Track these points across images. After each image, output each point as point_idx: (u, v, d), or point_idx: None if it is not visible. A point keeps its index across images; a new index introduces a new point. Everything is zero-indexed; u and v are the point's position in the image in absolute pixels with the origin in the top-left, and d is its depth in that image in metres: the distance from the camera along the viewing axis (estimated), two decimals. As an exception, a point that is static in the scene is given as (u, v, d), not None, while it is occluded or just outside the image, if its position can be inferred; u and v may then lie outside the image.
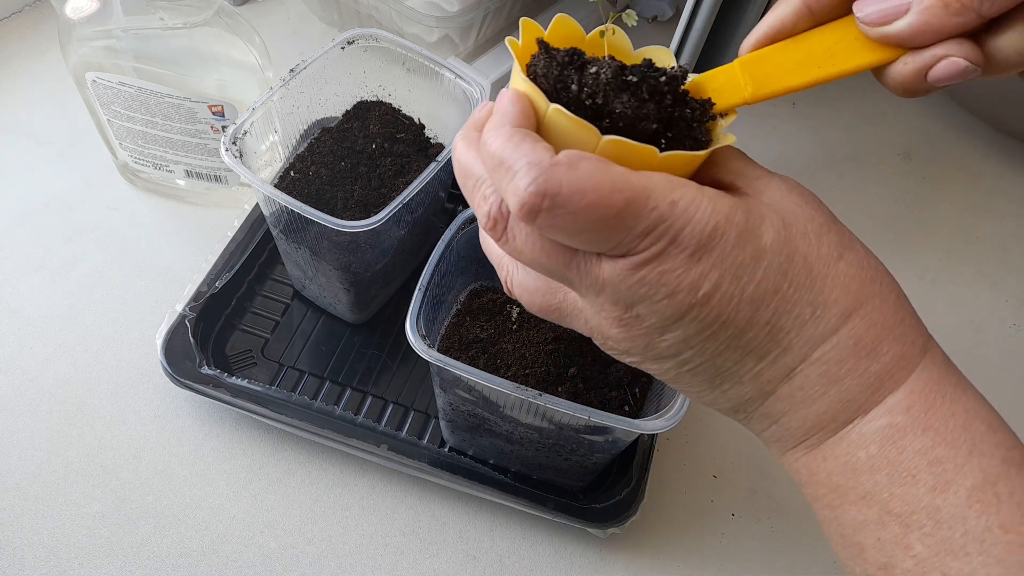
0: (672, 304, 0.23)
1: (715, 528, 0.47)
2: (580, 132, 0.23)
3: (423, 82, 0.50)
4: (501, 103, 0.24)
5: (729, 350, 0.24)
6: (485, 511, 0.46)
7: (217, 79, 0.50)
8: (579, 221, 0.21)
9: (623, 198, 0.21)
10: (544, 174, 0.21)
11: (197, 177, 0.55)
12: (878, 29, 0.23)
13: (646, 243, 0.22)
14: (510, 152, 0.22)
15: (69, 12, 0.47)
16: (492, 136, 0.23)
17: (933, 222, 0.67)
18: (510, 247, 0.24)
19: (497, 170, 0.22)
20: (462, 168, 0.25)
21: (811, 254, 0.23)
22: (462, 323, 0.44)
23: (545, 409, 0.37)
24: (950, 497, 0.21)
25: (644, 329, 0.24)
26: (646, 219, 0.22)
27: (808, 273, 0.23)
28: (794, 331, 0.23)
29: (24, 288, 0.52)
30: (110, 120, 0.52)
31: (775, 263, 0.23)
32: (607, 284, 0.23)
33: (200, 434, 0.47)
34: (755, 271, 0.22)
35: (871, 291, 0.24)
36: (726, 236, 0.22)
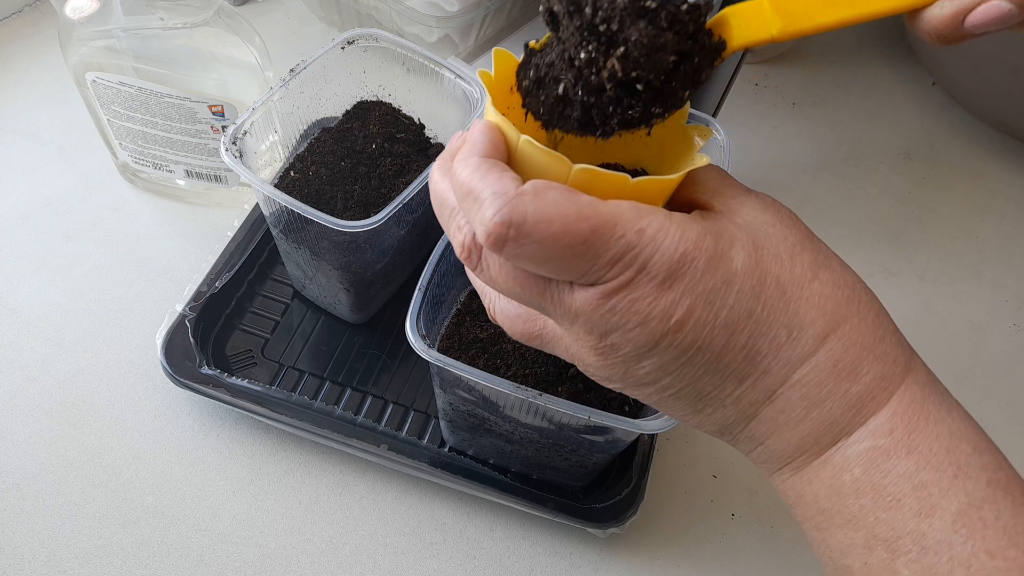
0: (645, 332, 0.22)
1: (715, 528, 0.47)
2: (551, 162, 0.24)
3: (423, 82, 0.50)
4: (472, 133, 0.24)
5: (708, 374, 0.24)
6: (485, 511, 0.46)
7: (217, 79, 0.50)
8: (545, 250, 0.21)
9: (589, 226, 0.21)
10: (509, 204, 0.21)
11: (197, 177, 0.55)
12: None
13: (614, 272, 0.22)
14: (477, 182, 0.22)
15: (69, 12, 0.47)
16: (461, 166, 0.23)
17: (933, 222, 0.67)
18: (485, 276, 0.25)
19: (465, 200, 0.23)
20: (437, 198, 0.25)
21: (784, 275, 0.23)
22: (462, 323, 0.44)
23: (545, 409, 0.37)
24: (935, 522, 0.21)
25: (620, 357, 0.24)
26: (614, 247, 0.22)
27: (782, 295, 0.23)
28: (771, 354, 0.23)
29: (24, 288, 0.52)
30: (110, 120, 0.52)
31: (747, 286, 0.22)
32: (580, 313, 0.23)
33: (200, 434, 0.47)
34: (727, 296, 0.22)
35: (848, 311, 0.23)
36: (695, 262, 0.22)
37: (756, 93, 0.73)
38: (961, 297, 0.61)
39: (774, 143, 0.70)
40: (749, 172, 0.67)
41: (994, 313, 0.61)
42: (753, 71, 0.74)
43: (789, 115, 0.72)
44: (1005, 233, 0.66)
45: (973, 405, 0.26)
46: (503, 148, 0.24)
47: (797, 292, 0.23)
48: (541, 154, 0.24)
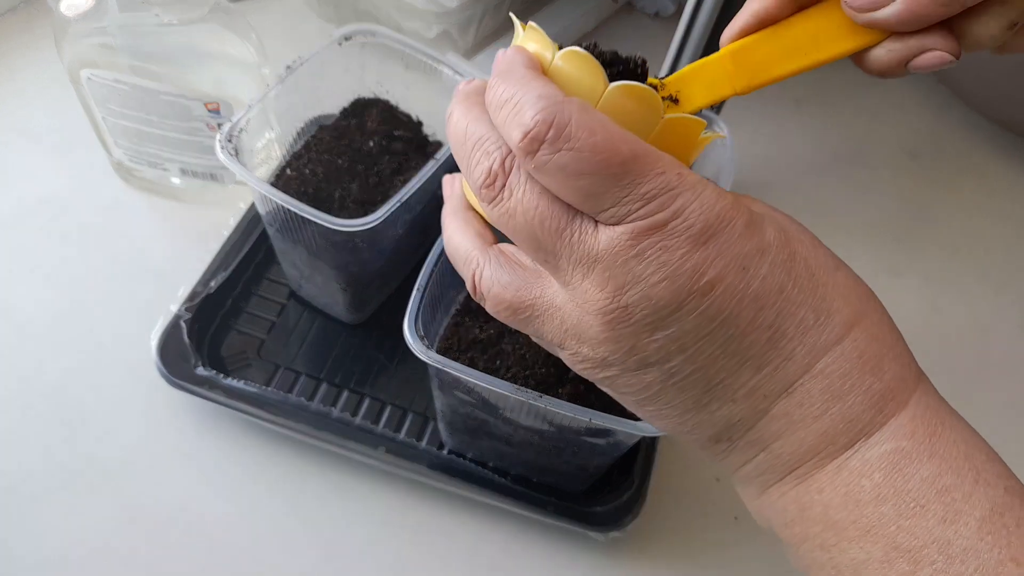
0: (671, 289, 0.21)
1: (717, 531, 0.47)
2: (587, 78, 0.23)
3: (421, 79, 0.50)
4: (506, 57, 0.23)
5: (725, 355, 0.22)
6: (484, 514, 0.46)
7: (213, 76, 0.49)
8: (582, 161, 0.20)
9: (630, 150, 0.20)
10: (555, 105, 0.20)
11: (192, 175, 0.55)
12: (866, 15, 0.24)
13: (650, 208, 0.20)
14: (520, 89, 0.21)
15: (64, 9, 0.47)
16: (500, 80, 0.22)
17: (939, 222, 0.66)
18: (503, 208, 0.22)
19: (503, 108, 0.21)
20: (459, 132, 0.23)
21: (811, 258, 0.22)
22: (461, 323, 0.44)
23: (545, 411, 0.37)
24: (961, 529, 0.20)
25: (632, 326, 0.22)
26: (653, 181, 0.20)
27: (811, 277, 0.22)
28: (797, 338, 0.22)
29: (17, 288, 0.51)
30: (105, 118, 0.52)
31: (780, 259, 0.22)
32: (601, 257, 0.21)
33: (195, 436, 0.47)
34: (761, 265, 0.21)
35: (869, 306, 0.23)
36: (734, 223, 0.21)
37: (759, 91, 0.72)
38: (967, 298, 0.61)
39: (777, 142, 0.69)
40: (753, 171, 0.66)
41: (1000, 314, 0.60)
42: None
43: (793, 114, 0.72)
44: (1012, 233, 0.66)
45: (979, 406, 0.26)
46: (539, 66, 0.23)
47: (824, 277, 0.22)
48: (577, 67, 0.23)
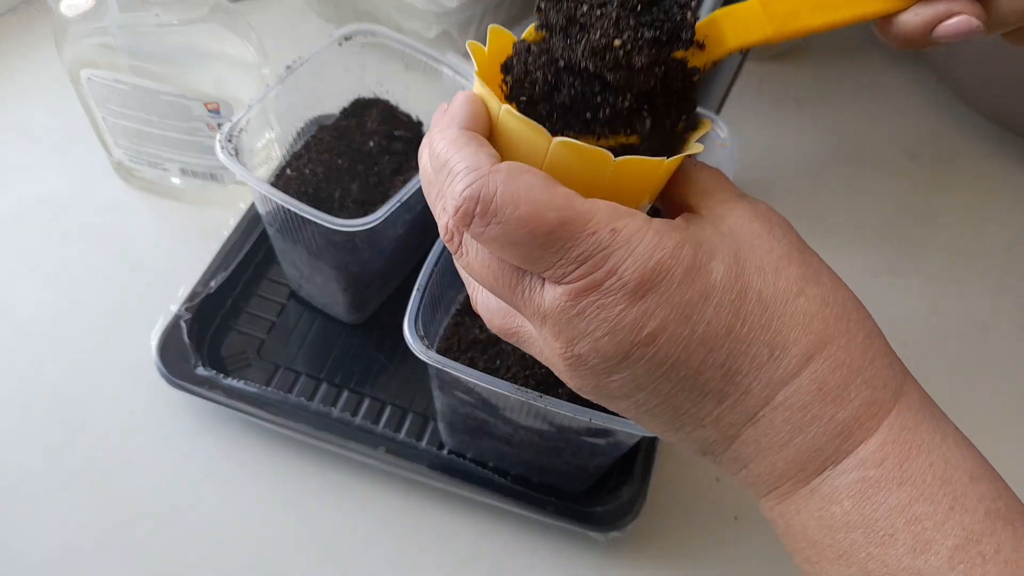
0: (614, 343, 0.21)
1: (717, 531, 0.47)
2: (531, 134, 0.23)
3: (421, 79, 0.50)
4: (453, 104, 0.23)
5: (684, 391, 0.22)
6: (484, 514, 0.46)
7: (213, 76, 0.49)
8: (510, 233, 0.21)
9: (558, 216, 0.20)
10: (480, 179, 0.21)
11: (192, 175, 0.55)
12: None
13: (582, 270, 0.21)
14: (452, 154, 0.22)
15: (64, 9, 0.47)
16: (439, 138, 0.22)
17: (939, 221, 0.66)
18: (463, 261, 0.24)
19: (440, 172, 0.22)
20: (424, 176, 0.24)
21: (767, 290, 0.22)
22: (461, 323, 0.44)
23: (546, 411, 0.37)
24: (931, 559, 0.20)
25: (589, 369, 0.22)
26: (583, 243, 0.21)
27: (763, 311, 0.22)
28: (751, 374, 0.22)
29: (17, 288, 0.51)
30: (105, 118, 0.52)
31: (726, 300, 0.21)
32: (548, 314, 0.22)
33: (195, 436, 0.47)
34: (704, 310, 0.21)
35: (836, 329, 0.22)
36: (671, 272, 0.21)
37: (760, 91, 0.73)
38: (967, 298, 0.61)
39: (778, 141, 0.69)
40: (752, 170, 0.66)
41: (1000, 314, 0.60)
42: (756, 69, 0.74)
43: (793, 113, 0.72)
44: (1011, 232, 0.66)
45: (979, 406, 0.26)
46: (485, 120, 0.23)
47: (780, 308, 0.22)
48: (521, 124, 0.23)
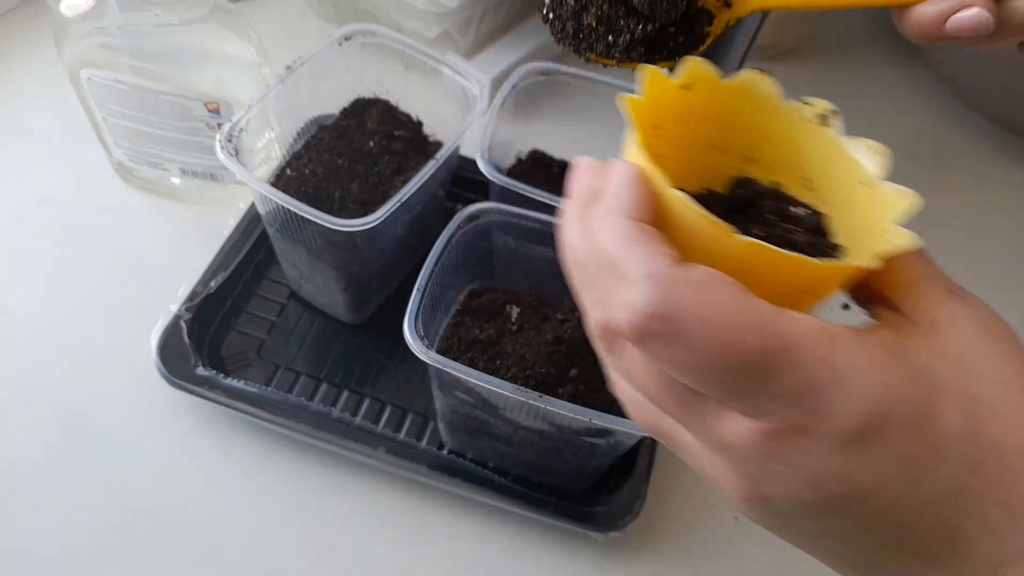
0: (814, 493, 0.18)
1: (718, 532, 0.47)
2: (709, 229, 0.19)
3: (421, 79, 0.50)
4: (616, 181, 0.20)
5: (889, 548, 0.19)
6: (484, 514, 0.46)
7: (213, 76, 0.49)
8: (699, 360, 0.17)
9: (759, 344, 0.17)
10: (663, 292, 0.17)
11: (192, 175, 0.55)
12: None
13: (786, 411, 0.17)
14: (623, 252, 0.18)
15: (64, 9, 0.47)
16: (603, 227, 0.19)
17: (939, 222, 0.66)
18: (620, 367, 0.20)
19: (606, 272, 0.19)
20: (571, 256, 0.21)
21: (1005, 438, 0.18)
22: (461, 323, 0.44)
23: (546, 411, 0.37)
24: None
25: (773, 510, 0.19)
26: (788, 376, 0.17)
27: (1002, 465, 0.18)
28: (979, 538, 0.18)
29: (18, 288, 0.51)
30: (105, 118, 0.52)
31: (958, 454, 0.18)
32: (731, 446, 0.18)
33: (195, 435, 0.47)
34: (933, 467, 0.18)
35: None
36: (897, 420, 0.17)
37: (759, 91, 0.72)
38: (967, 297, 0.61)
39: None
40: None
41: (1001, 314, 0.60)
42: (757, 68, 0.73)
43: (792, 113, 0.72)
44: (1012, 233, 0.66)
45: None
46: (651, 203, 0.20)
47: (1022, 462, 0.18)
48: (697, 217, 0.19)
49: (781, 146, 0.27)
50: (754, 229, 0.23)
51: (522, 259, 0.46)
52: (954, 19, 0.24)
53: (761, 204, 0.26)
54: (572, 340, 0.42)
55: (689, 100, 0.25)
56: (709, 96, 0.25)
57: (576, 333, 0.42)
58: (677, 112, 0.25)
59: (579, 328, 0.42)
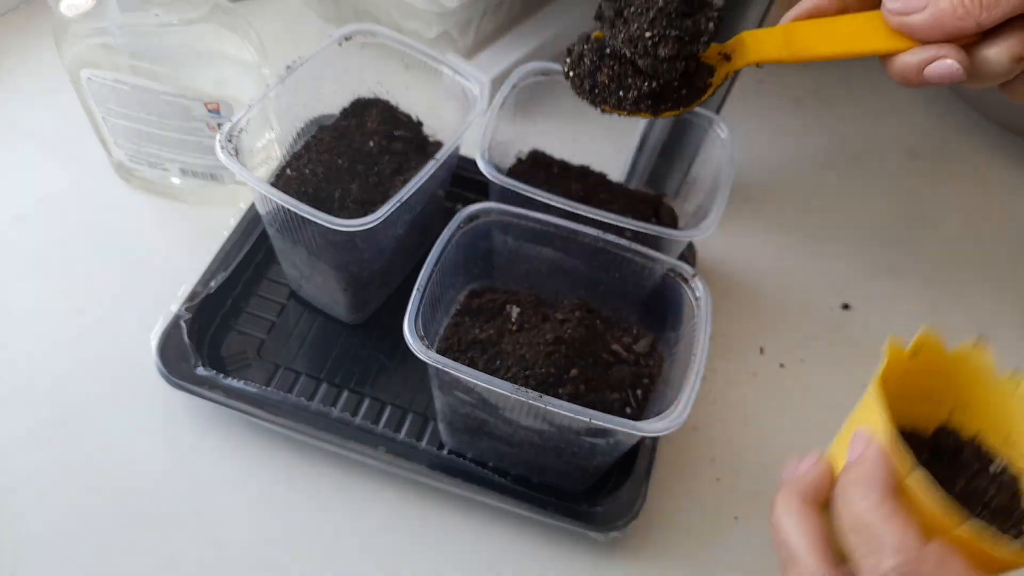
0: None
1: (718, 531, 0.47)
2: (940, 514, 0.25)
3: (421, 79, 0.50)
4: (867, 458, 0.25)
5: None
6: (484, 514, 0.46)
7: (213, 76, 0.49)
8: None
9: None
10: (911, 564, 0.22)
11: (192, 175, 0.55)
12: (900, 18, 0.29)
13: None
14: (879, 522, 0.23)
15: (64, 9, 0.47)
16: (860, 496, 0.24)
17: (939, 221, 0.66)
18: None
19: (859, 533, 0.24)
20: (781, 536, 0.26)
21: None
22: (461, 323, 0.44)
23: (545, 411, 0.37)
24: None
25: None
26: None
27: None
28: None
29: (17, 287, 0.51)
30: (105, 118, 0.52)
31: None
32: None
33: (195, 436, 0.47)
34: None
35: None
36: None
37: (759, 91, 0.73)
38: (967, 298, 0.61)
39: (777, 141, 0.69)
40: (753, 170, 0.66)
41: (1000, 314, 0.60)
42: (756, 69, 0.73)
43: (793, 112, 0.72)
44: (1012, 232, 0.66)
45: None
46: (895, 480, 0.25)
47: None
48: (931, 499, 0.25)
49: (989, 407, 0.33)
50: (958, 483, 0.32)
51: (522, 259, 0.46)
52: (930, 68, 0.28)
53: (961, 456, 0.33)
54: (572, 340, 0.42)
55: (916, 363, 0.32)
56: (933, 361, 0.32)
57: (576, 333, 0.42)
58: (906, 374, 0.32)
59: (579, 328, 0.42)
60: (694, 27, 0.33)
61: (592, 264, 0.45)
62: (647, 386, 0.42)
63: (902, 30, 0.30)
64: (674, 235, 0.44)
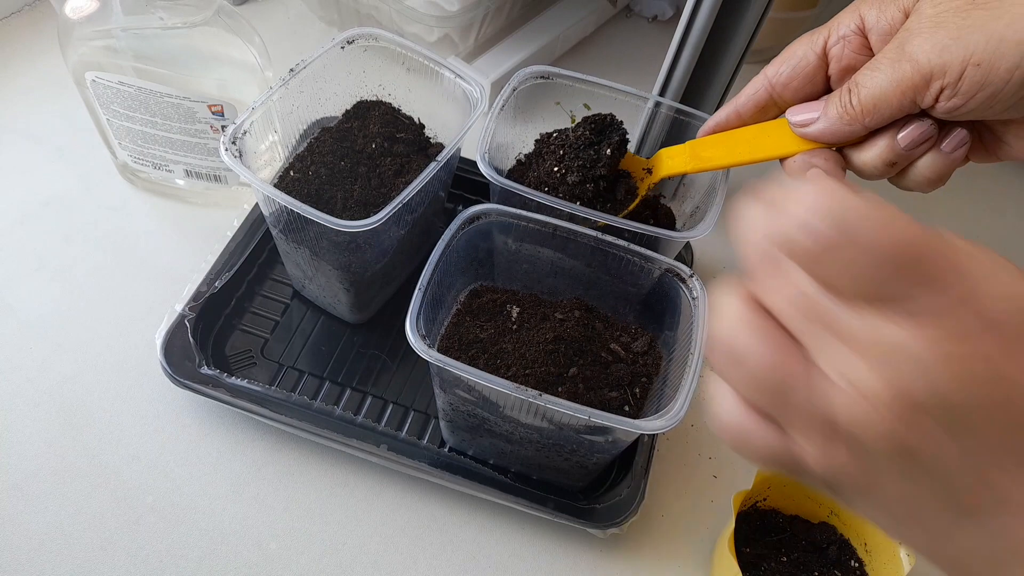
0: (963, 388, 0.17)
1: (715, 529, 0.47)
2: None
3: (423, 82, 0.50)
4: None
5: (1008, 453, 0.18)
6: (485, 511, 0.46)
7: (217, 79, 0.50)
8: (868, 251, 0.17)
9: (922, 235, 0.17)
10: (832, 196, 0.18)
11: (196, 177, 0.55)
12: (801, 129, 0.36)
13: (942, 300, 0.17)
14: None
15: (69, 12, 0.47)
16: None
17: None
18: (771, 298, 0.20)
19: None
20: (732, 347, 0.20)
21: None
22: (462, 323, 0.44)
23: (545, 409, 0.37)
24: None
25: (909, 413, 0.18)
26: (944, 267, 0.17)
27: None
28: None
29: (23, 288, 0.52)
30: (110, 120, 0.52)
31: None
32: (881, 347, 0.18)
33: (199, 434, 0.47)
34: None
35: None
36: None
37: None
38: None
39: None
40: (749, 171, 0.67)
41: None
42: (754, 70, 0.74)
43: (789, 115, 0.72)
44: (1006, 231, 0.66)
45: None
46: None
47: None
48: None
49: (853, 516, 0.44)
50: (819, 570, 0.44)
51: (522, 259, 0.47)
52: (809, 173, 0.34)
53: (831, 549, 0.45)
54: (571, 339, 0.42)
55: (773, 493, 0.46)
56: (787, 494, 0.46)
57: (575, 332, 0.43)
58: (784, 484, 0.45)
59: (578, 327, 0.43)
60: (595, 155, 0.43)
61: (591, 264, 0.46)
62: (645, 384, 0.43)
63: (806, 138, 0.36)
64: (672, 236, 0.45)
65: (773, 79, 0.38)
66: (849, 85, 0.33)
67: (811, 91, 0.37)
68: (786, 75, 0.37)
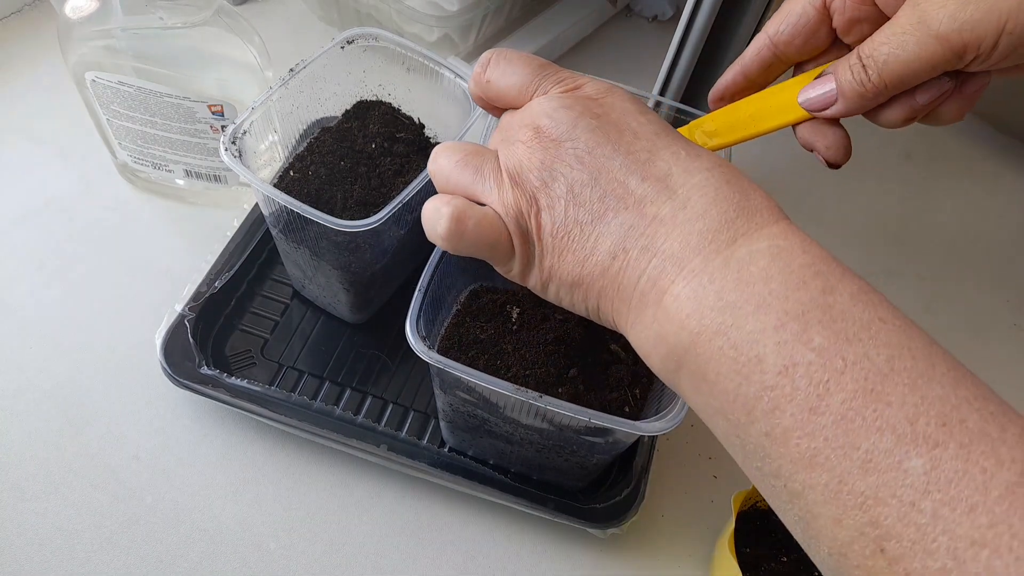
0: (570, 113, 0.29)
1: (715, 529, 0.47)
2: None
3: (423, 81, 0.50)
4: None
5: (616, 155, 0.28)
6: (485, 511, 0.46)
7: (216, 79, 0.50)
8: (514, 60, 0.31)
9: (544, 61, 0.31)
10: None
11: (196, 177, 0.55)
12: (820, 113, 0.35)
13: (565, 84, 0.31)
14: None
15: (68, 12, 0.47)
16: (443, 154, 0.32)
17: (933, 222, 0.67)
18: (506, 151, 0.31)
19: None
20: None
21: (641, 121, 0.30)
22: (462, 324, 0.44)
23: (545, 410, 0.37)
24: (838, 298, 0.24)
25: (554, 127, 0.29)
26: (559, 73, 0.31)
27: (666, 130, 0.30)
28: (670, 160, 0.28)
29: (23, 288, 0.52)
30: (109, 120, 0.52)
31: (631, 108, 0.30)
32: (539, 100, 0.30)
33: (199, 434, 0.47)
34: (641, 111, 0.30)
35: None
36: (617, 90, 0.31)
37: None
38: (962, 297, 0.61)
39: (774, 141, 0.70)
40: (748, 170, 0.67)
41: (995, 313, 0.61)
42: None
43: (789, 115, 0.72)
44: (1006, 232, 0.66)
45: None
46: None
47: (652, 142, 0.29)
48: None
49: None
50: None
51: (522, 260, 0.47)
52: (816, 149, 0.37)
53: None
54: (572, 340, 0.42)
55: None
56: None
57: (575, 333, 0.43)
58: None
59: (578, 328, 0.43)
60: None
61: (591, 265, 0.46)
62: (645, 385, 0.43)
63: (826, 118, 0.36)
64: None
65: (775, 37, 0.36)
66: (864, 60, 0.32)
67: (816, 45, 0.36)
68: (787, 33, 0.36)
